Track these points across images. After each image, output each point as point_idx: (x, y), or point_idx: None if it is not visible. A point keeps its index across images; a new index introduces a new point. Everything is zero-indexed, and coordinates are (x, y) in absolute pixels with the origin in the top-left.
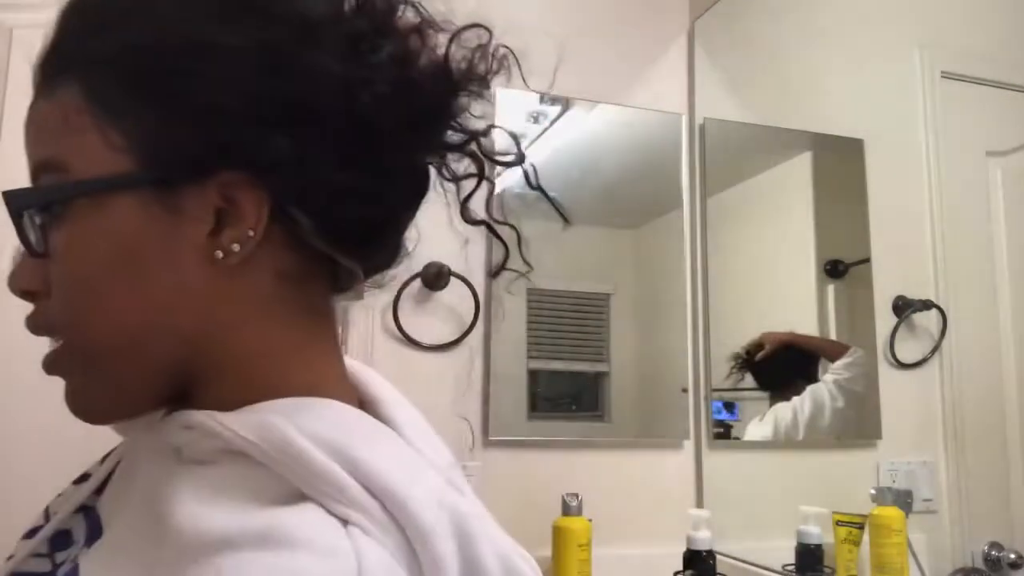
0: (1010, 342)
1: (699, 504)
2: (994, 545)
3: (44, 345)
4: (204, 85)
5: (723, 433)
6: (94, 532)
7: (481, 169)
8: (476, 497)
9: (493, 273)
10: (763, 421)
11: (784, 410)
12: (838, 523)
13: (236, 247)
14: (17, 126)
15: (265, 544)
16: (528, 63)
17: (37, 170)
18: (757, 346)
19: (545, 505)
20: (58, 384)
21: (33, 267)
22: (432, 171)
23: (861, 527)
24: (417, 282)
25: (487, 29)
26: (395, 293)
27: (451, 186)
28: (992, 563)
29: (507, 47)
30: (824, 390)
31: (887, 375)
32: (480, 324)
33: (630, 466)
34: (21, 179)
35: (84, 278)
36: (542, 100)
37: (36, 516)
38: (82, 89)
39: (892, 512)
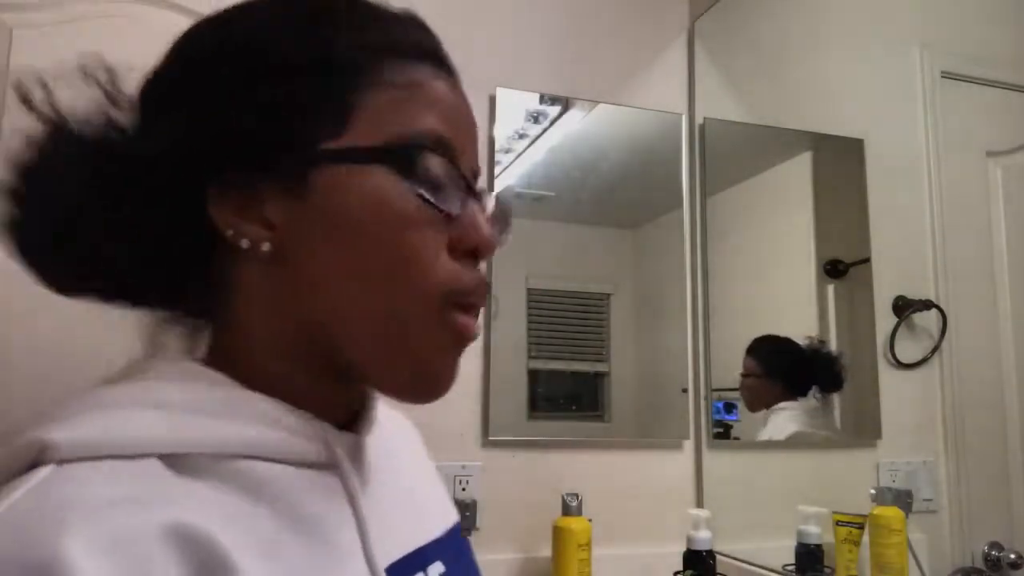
0: (1010, 342)
1: (699, 504)
2: (994, 545)
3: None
4: None
5: (723, 433)
6: None
7: None
8: None
9: None
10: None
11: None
12: (838, 523)
13: None
14: (17, 125)
15: None
16: (529, 63)
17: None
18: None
19: (545, 505)
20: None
21: None
22: None
23: (861, 527)
24: None
25: None
26: None
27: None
28: (992, 563)
29: None
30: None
31: (887, 375)
32: (480, 324)
33: (630, 466)
34: None
35: None
36: (542, 100)
37: None
38: None
39: (892, 512)
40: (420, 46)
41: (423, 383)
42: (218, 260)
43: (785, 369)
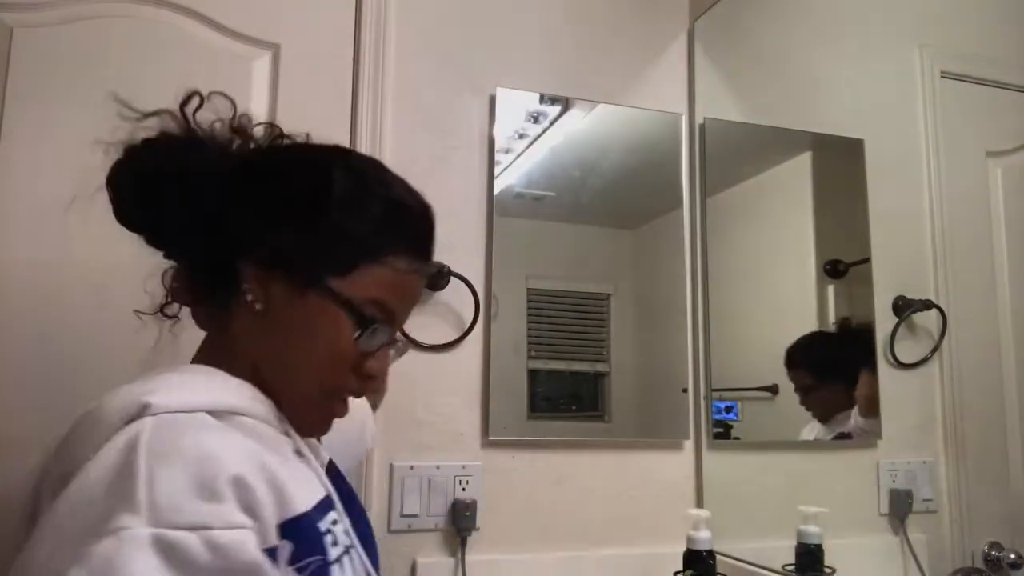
0: (1010, 342)
1: (699, 504)
2: (994, 545)
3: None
4: None
5: (723, 433)
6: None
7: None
8: None
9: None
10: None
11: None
12: None
13: None
14: (17, 125)
15: None
16: (529, 63)
17: None
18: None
19: (545, 505)
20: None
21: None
22: None
23: None
24: None
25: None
26: None
27: (450, 190)
28: (992, 563)
29: None
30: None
31: (887, 375)
32: (480, 324)
33: (630, 466)
34: (20, 178)
35: None
36: (542, 100)
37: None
38: None
39: None
40: (416, 244)
41: (305, 431)
42: (228, 294)
43: (833, 364)
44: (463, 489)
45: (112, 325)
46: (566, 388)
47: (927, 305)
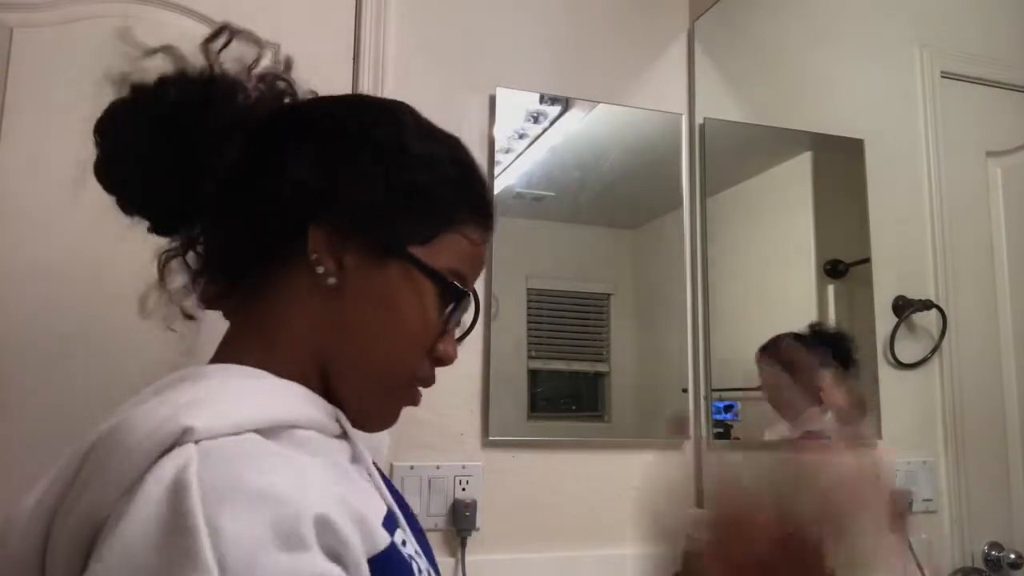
0: (1010, 342)
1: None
2: (994, 545)
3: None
4: None
5: (723, 433)
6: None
7: None
8: None
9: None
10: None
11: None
12: None
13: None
14: (17, 126)
15: None
16: (529, 63)
17: None
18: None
19: (545, 505)
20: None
21: None
22: None
23: None
24: None
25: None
26: None
27: None
28: (992, 563)
29: None
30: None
31: (887, 375)
32: (480, 324)
33: (630, 466)
34: (20, 178)
35: None
36: (542, 100)
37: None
38: None
39: None
40: (488, 216)
41: (371, 424)
42: (276, 271)
43: (804, 363)
44: (463, 489)
45: (114, 324)
46: (566, 388)
47: (927, 305)
